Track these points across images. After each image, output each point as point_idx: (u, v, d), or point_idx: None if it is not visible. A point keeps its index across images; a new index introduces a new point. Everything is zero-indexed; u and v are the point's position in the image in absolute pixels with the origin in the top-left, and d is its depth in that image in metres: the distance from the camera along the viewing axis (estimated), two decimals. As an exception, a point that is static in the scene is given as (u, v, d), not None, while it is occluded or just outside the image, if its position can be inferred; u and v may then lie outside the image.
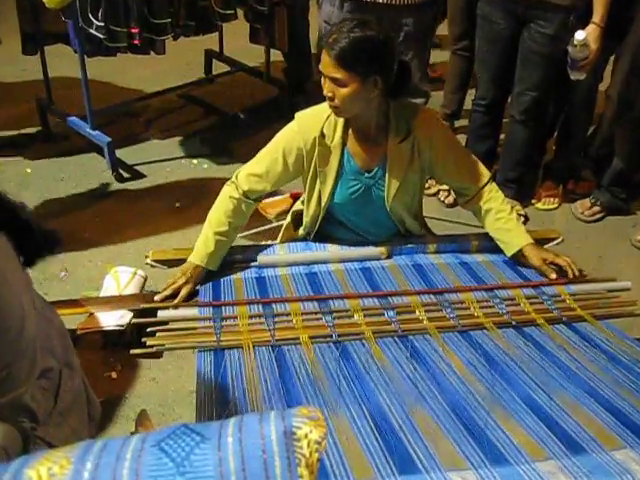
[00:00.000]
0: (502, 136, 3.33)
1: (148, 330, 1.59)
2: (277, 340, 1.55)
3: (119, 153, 3.43)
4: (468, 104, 3.53)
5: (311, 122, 1.80)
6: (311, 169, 1.83)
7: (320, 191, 1.86)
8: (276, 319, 1.63)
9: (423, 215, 2.10)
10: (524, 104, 2.98)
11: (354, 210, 1.91)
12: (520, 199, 3.26)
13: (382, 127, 1.81)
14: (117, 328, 2.14)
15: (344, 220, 1.96)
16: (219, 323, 1.60)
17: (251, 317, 1.63)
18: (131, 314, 1.98)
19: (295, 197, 3.07)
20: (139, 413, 2.06)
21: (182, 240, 2.81)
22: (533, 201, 3.37)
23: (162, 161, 3.54)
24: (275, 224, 2.42)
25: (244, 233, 2.22)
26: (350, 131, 1.81)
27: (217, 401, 1.34)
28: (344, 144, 1.81)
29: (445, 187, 3.30)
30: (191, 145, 3.73)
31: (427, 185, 3.15)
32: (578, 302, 1.80)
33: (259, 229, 2.34)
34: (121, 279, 2.30)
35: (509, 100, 3.16)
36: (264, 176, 1.83)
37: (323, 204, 1.87)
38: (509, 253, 1.93)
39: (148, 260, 1.91)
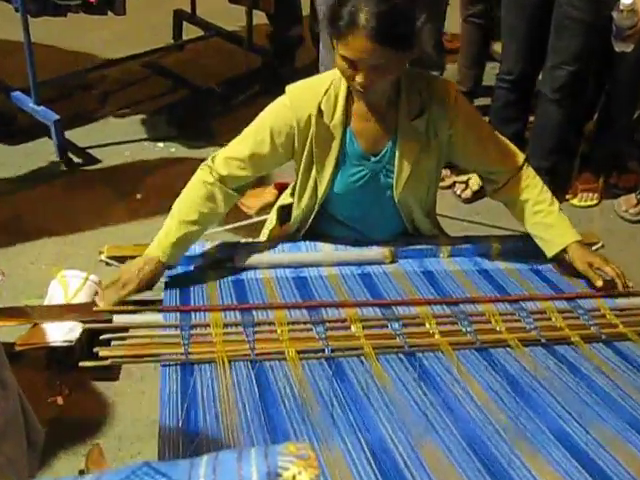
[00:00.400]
0: (531, 118, 3.35)
1: (101, 338, 1.59)
2: (258, 354, 1.55)
3: (69, 134, 3.43)
4: (489, 79, 3.55)
5: (306, 96, 1.81)
6: (305, 153, 1.83)
7: (316, 180, 1.86)
8: (257, 329, 1.63)
9: (436, 213, 2.10)
10: (559, 80, 3.00)
11: (356, 202, 1.92)
12: (552, 193, 3.27)
13: (392, 101, 1.81)
14: (65, 344, 2.13)
15: (342, 215, 1.97)
16: (187, 332, 1.60)
17: (226, 325, 1.63)
18: (81, 327, 1.97)
19: (280, 188, 3.07)
20: (91, 448, 2.06)
21: (143, 239, 2.80)
22: (568, 196, 3.39)
23: (121, 143, 3.55)
24: (256, 219, 2.42)
25: (218, 229, 2.22)
26: (354, 107, 1.82)
27: (184, 429, 1.33)
28: (346, 123, 1.82)
29: (462, 178, 3.31)
30: (156, 124, 3.73)
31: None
32: (620, 318, 1.81)
33: (236, 224, 2.34)
34: (70, 285, 2.29)
35: (540, 75, 3.17)
36: (247, 160, 1.83)
37: (320, 195, 1.88)
38: (550, 253, 1.93)
39: (102, 257, 1.92)
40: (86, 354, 1.78)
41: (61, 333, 2.12)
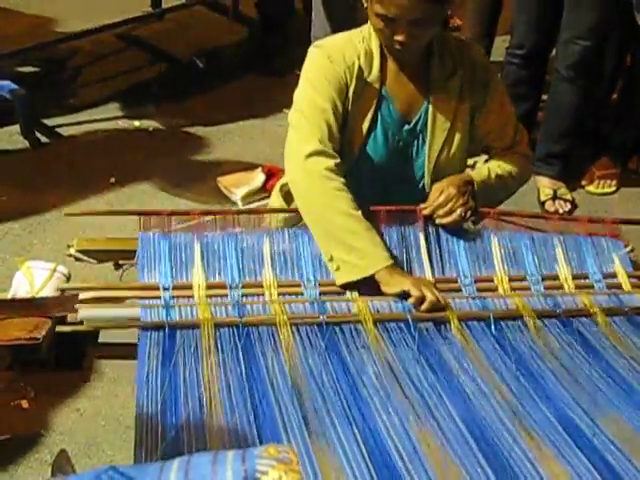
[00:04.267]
0: (544, 97, 3.34)
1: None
2: (245, 323, 1.55)
3: (35, 111, 3.42)
4: (497, 54, 3.54)
5: (346, 48, 1.82)
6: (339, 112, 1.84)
7: (349, 141, 1.86)
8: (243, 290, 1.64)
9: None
10: (573, 56, 2.99)
11: (379, 178, 1.93)
12: (566, 179, 3.27)
13: (424, 63, 1.86)
14: (30, 342, 2.13)
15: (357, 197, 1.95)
16: (169, 292, 1.61)
17: (210, 287, 1.64)
18: (49, 323, 1.97)
19: (270, 173, 3.07)
20: (57, 454, 2.05)
21: (117, 228, 2.80)
22: (583, 182, 3.38)
23: (93, 122, 3.53)
24: (242, 208, 2.41)
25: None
26: (388, 66, 1.85)
27: (162, 413, 1.32)
28: (383, 80, 1.84)
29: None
30: (133, 101, 3.71)
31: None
32: None
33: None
34: (36, 277, 2.29)
35: (554, 50, 3.17)
36: (332, 121, 1.80)
37: (350, 162, 1.86)
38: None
39: (72, 251, 1.91)
40: (54, 354, 1.78)
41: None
